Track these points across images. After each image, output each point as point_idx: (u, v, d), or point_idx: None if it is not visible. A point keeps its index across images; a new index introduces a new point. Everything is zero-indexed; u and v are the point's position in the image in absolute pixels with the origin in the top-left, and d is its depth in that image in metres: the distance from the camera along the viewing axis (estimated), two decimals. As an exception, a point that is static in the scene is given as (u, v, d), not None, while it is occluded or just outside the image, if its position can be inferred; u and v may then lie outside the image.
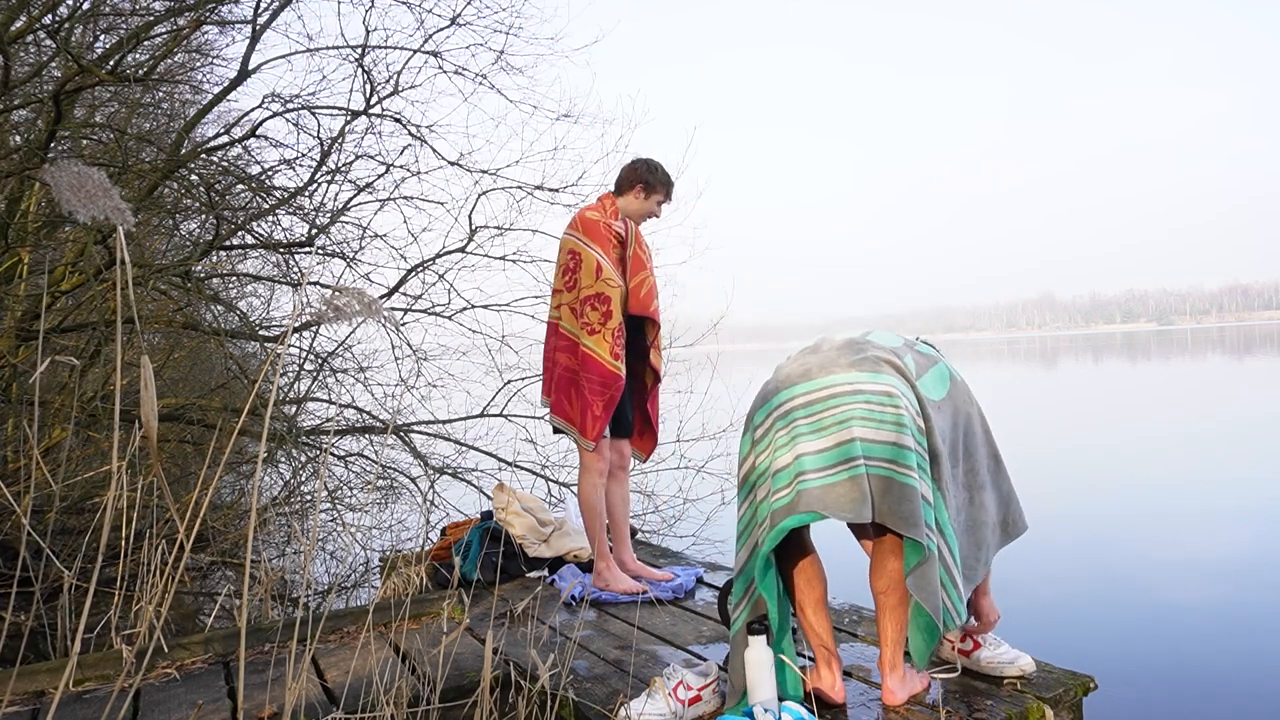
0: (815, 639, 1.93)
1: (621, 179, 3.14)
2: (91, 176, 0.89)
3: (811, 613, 1.93)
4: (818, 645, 1.93)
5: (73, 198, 0.88)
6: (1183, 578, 4.95)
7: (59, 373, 4.64)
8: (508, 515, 3.38)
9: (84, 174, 0.89)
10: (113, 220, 0.89)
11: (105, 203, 0.89)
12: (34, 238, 4.39)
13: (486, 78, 4.86)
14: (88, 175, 0.89)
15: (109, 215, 0.89)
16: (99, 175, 0.90)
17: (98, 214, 0.89)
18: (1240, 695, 3.32)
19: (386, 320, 5.19)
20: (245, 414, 1.78)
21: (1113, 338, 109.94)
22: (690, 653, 2.40)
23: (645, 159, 3.14)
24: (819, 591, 1.95)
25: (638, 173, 3.10)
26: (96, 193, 0.89)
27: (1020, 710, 1.86)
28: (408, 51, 4.73)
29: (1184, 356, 35.61)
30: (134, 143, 4.76)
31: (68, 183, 0.88)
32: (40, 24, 3.74)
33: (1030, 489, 7.59)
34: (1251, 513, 6.39)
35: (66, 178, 0.88)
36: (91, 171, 0.90)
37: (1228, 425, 11.73)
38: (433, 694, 2.06)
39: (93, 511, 4.58)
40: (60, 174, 0.88)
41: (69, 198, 0.88)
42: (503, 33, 4.75)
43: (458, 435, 5.60)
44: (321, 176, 4.91)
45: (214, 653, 2.65)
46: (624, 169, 3.15)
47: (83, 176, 0.89)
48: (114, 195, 0.90)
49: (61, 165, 0.89)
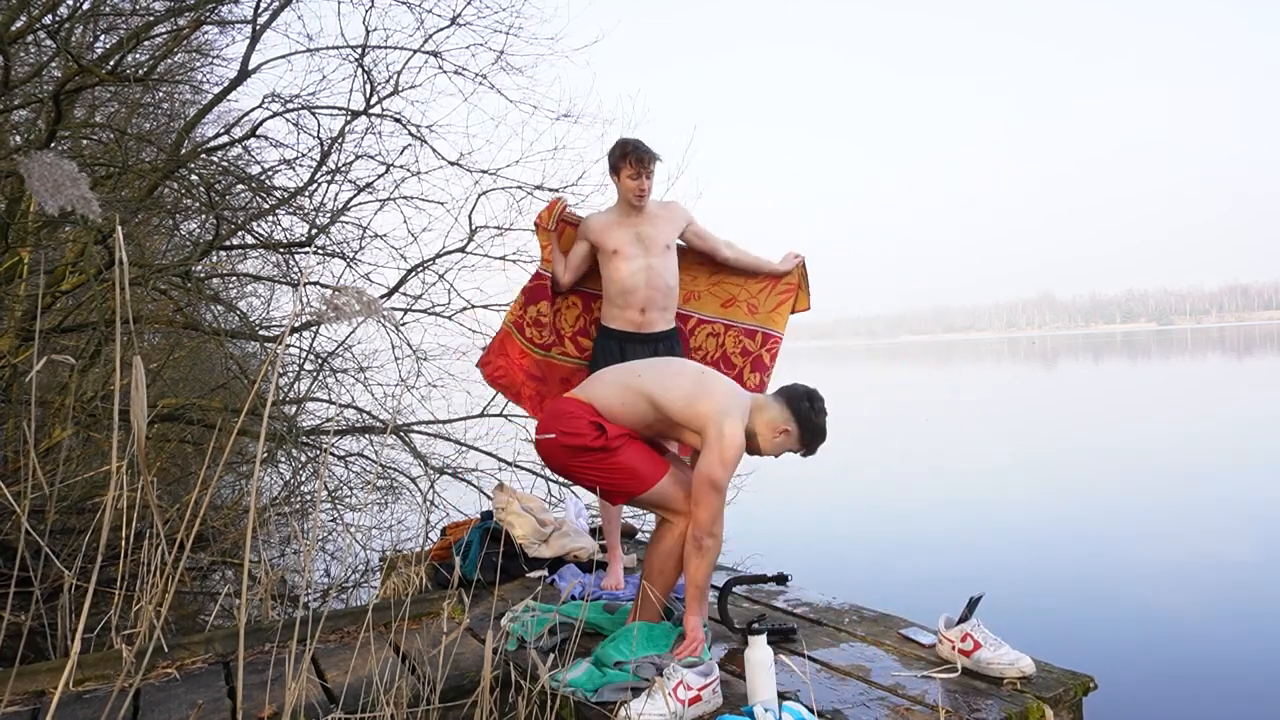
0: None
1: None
2: (61, 167, 0.90)
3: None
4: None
5: (41, 188, 0.88)
6: (1183, 578, 4.95)
7: (59, 373, 4.64)
8: (509, 516, 3.38)
9: (55, 165, 0.89)
10: (79, 210, 0.90)
11: (73, 192, 0.89)
12: (34, 238, 4.39)
13: (486, 78, 4.86)
14: (58, 166, 0.90)
15: (75, 205, 0.89)
16: (69, 165, 0.90)
17: (65, 204, 0.89)
18: (1240, 695, 3.32)
19: (386, 320, 5.19)
20: (245, 414, 1.78)
21: (1113, 337, 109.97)
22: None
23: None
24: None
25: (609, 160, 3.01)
26: (65, 183, 0.89)
27: (1020, 710, 1.86)
28: (408, 51, 4.73)
29: (1184, 356, 35.60)
30: (134, 143, 4.76)
31: (39, 173, 0.88)
32: (40, 24, 3.74)
33: (1030, 489, 7.61)
34: (1252, 513, 6.39)
35: (39, 168, 0.88)
36: (63, 162, 0.90)
37: (1228, 425, 11.73)
38: (433, 694, 2.06)
39: (93, 511, 4.57)
40: (34, 164, 0.89)
41: (39, 188, 0.88)
42: (503, 33, 4.75)
43: (458, 435, 5.59)
44: (321, 176, 4.91)
45: (214, 653, 2.65)
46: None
47: (53, 167, 0.89)
48: (82, 185, 0.90)
49: (35, 156, 0.89)
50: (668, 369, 2.38)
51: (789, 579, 2.57)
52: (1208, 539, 5.75)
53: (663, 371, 2.37)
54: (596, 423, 2.28)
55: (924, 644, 2.29)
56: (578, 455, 2.29)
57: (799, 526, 6.91)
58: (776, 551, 5.31)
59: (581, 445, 2.27)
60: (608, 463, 2.27)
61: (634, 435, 2.34)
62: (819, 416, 2.33)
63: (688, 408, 2.26)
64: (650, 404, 2.29)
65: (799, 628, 2.50)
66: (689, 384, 2.30)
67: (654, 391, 2.29)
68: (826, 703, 1.96)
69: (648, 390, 2.30)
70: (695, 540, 2.23)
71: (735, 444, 2.22)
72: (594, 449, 2.26)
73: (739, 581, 2.61)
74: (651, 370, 2.38)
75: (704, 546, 2.22)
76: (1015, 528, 6.34)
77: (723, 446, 2.20)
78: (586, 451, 2.27)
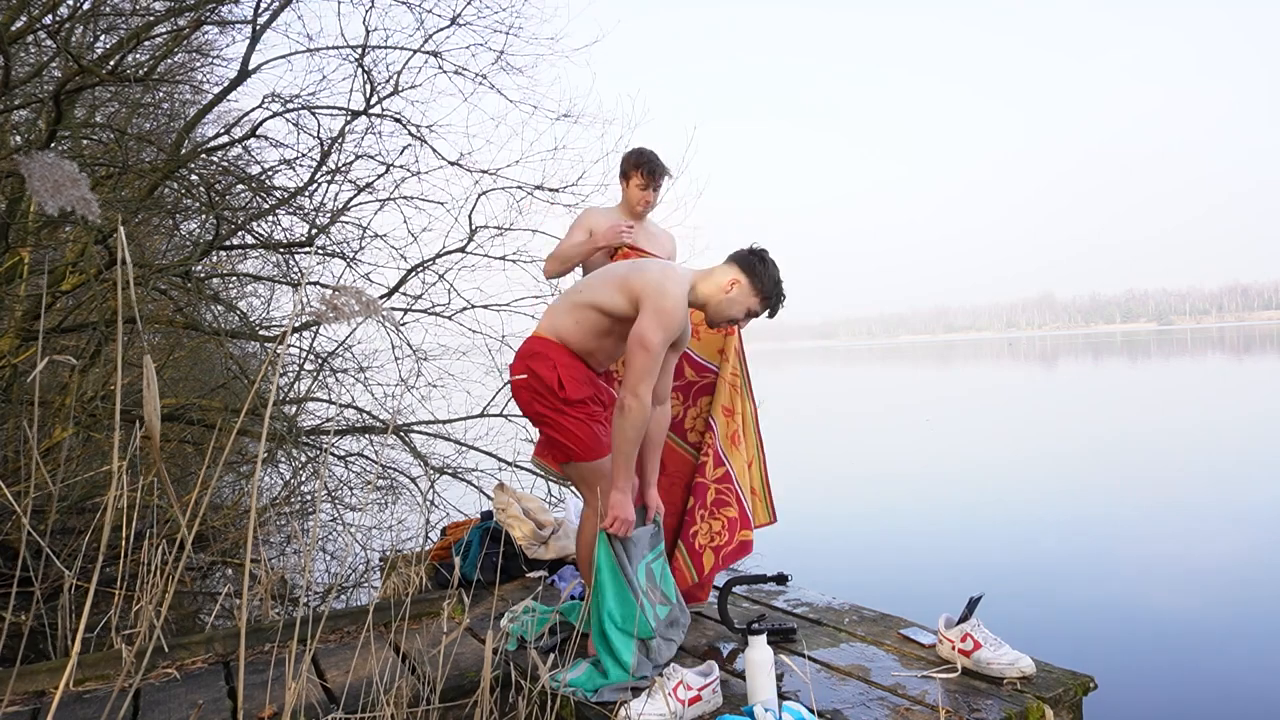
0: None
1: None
2: (61, 167, 0.89)
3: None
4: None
5: (41, 188, 0.88)
6: (1183, 578, 4.95)
7: (59, 373, 4.64)
8: (508, 519, 3.38)
9: (55, 165, 0.89)
10: (79, 210, 0.89)
11: (73, 193, 0.89)
12: (34, 238, 4.39)
13: (486, 78, 4.87)
14: (58, 166, 0.89)
15: (75, 206, 0.89)
16: (70, 166, 0.90)
17: (65, 204, 0.89)
18: (1240, 695, 3.32)
19: (386, 320, 5.19)
20: (245, 414, 1.78)
21: (1112, 337, 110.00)
22: (690, 653, 2.41)
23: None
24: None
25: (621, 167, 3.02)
26: (65, 183, 0.89)
27: (1020, 710, 1.86)
28: (408, 51, 4.74)
29: (1184, 357, 35.61)
30: (134, 143, 4.76)
31: (39, 173, 0.88)
32: (40, 24, 3.74)
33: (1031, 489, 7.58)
34: (1252, 513, 6.39)
35: (39, 168, 0.88)
36: (63, 163, 0.90)
37: (1228, 425, 11.73)
38: (433, 694, 2.06)
39: (93, 511, 4.58)
40: (34, 165, 0.88)
41: (39, 188, 0.88)
42: (503, 33, 4.75)
43: (458, 435, 5.59)
44: (321, 176, 4.91)
45: (214, 653, 2.65)
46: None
47: (53, 167, 0.89)
48: (82, 186, 0.90)
49: (35, 157, 0.89)
50: (603, 274, 2.44)
51: (789, 579, 2.57)
52: (1208, 539, 5.75)
53: (600, 278, 2.42)
54: (561, 379, 2.34)
55: (924, 644, 2.29)
56: (540, 398, 2.35)
57: (799, 526, 6.91)
58: (776, 552, 5.32)
59: (546, 388, 2.33)
60: (565, 417, 2.33)
61: (599, 402, 2.40)
62: (766, 265, 2.34)
63: (623, 292, 2.30)
64: (597, 310, 2.34)
65: (799, 628, 2.50)
66: (622, 274, 2.35)
67: (595, 297, 2.35)
68: (826, 703, 1.96)
69: (592, 299, 2.35)
70: (619, 402, 2.23)
71: (670, 304, 2.23)
72: (555, 395, 2.32)
73: (739, 581, 2.61)
74: (590, 281, 2.44)
75: (626, 407, 2.20)
76: (1016, 528, 6.34)
77: (657, 307, 2.21)
78: (550, 394, 2.33)
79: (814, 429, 14.39)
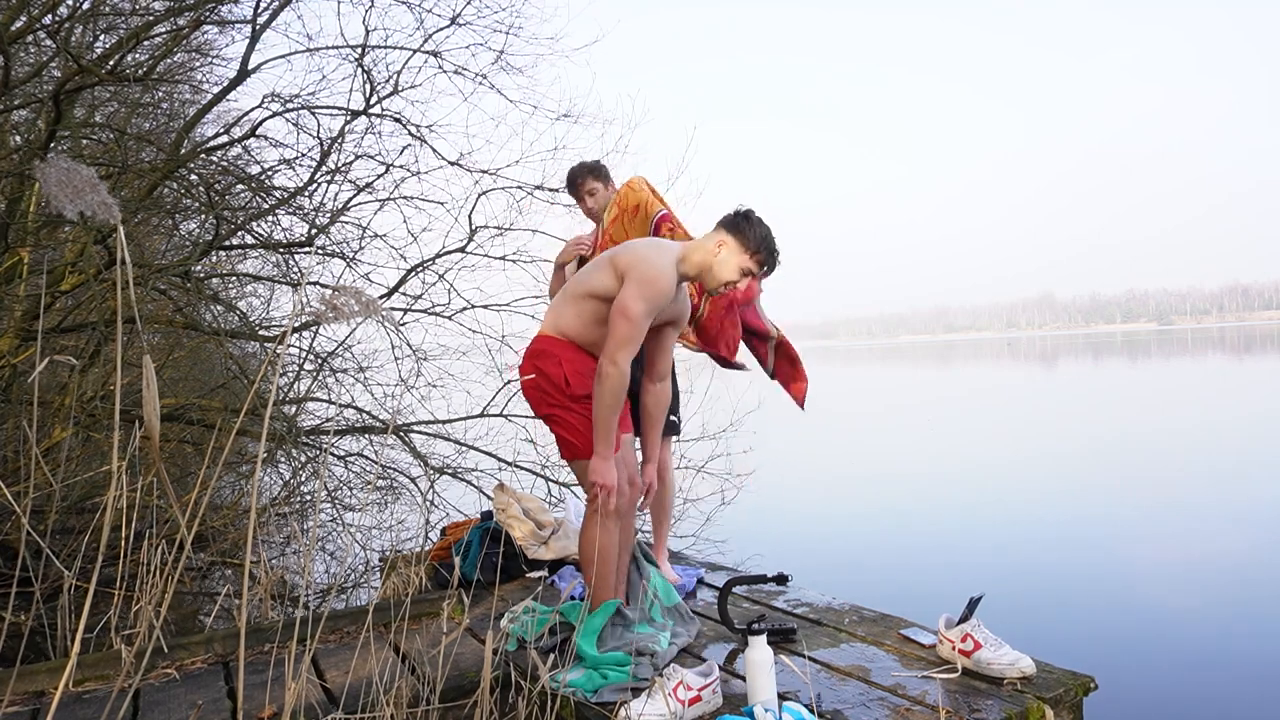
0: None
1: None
2: (80, 172, 0.89)
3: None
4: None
5: (60, 193, 0.87)
6: (1183, 578, 4.95)
7: (59, 373, 4.64)
8: (508, 519, 3.38)
9: (72, 169, 0.89)
10: (100, 215, 0.89)
11: (93, 198, 0.89)
12: (34, 238, 4.39)
13: (486, 78, 4.87)
14: (76, 171, 0.89)
15: (96, 211, 0.89)
16: (87, 171, 0.90)
17: (85, 209, 0.89)
18: (1240, 695, 3.32)
19: (386, 320, 5.19)
20: (245, 414, 1.78)
21: (1113, 337, 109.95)
22: (690, 653, 2.40)
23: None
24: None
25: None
26: (84, 188, 0.88)
27: (1020, 710, 1.86)
28: (408, 51, 4.73)
29: (1184, 357, 35.60)
30: (134, 143, 4.76)
31: (56, 178, 0.88)
32: (40, 24, 3.74)
33: (1031, 489, 7.58)
34: (1252, 513, 6.39)
35: (56, 173, 0.88)
36: (80, 167, 0.89)
37: (1228, 425, 11.73)
38: (433, 694, 2.06)
39: (92, 511, 4.57)
40: (50, 170, 0.88)
41: (57, 193, 0.87)
42: (503, 33, 4.75)
43: (458, 435, 5.59)
44: (321, 176, 4.91)
45: (214, 653, 2.65)
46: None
47: (71, 172, 0.88)
48: (101, 190, 0.89)
49: (51, 161, 0.88)
50: (594, 262, 2.46)
51: (789, 579, 2.56)
52: (1208, 539, 5.75)
53: (591, 266, 2.45)
54: (567, 376, 2.36)
55: (924, 644, 2.29)
56: (549, 397, 2.37)
57: (799, 526, 6.91)
58: (777, 551, 5.32)
59: (554, 386, 2.35)
60: (572, 414, 2.35)
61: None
62: (752, 222, 2.34)
63: (611, 271, 2.31)
64: (594, 297, 2.35)
65: (799, 628, 2.50)
66: (609, 255, 2.38)
67: (590, 284, 2.37)
68: (827, 703, 1.96)
69: (587, 287, 2.37)
70: (598, 369, 2.24)
71: (653, 272, 2.24)
72: (562, 392, 2.34)
73: (739, 581, 2.61)
74: (583, 272, 2.47)
75: (604, 374, 2.21)
76: (1016, 528, 6.34)
77: (640, 276, 2.22)
78: (558, 392, 2.35)
79: (814, 429, 14.39)
